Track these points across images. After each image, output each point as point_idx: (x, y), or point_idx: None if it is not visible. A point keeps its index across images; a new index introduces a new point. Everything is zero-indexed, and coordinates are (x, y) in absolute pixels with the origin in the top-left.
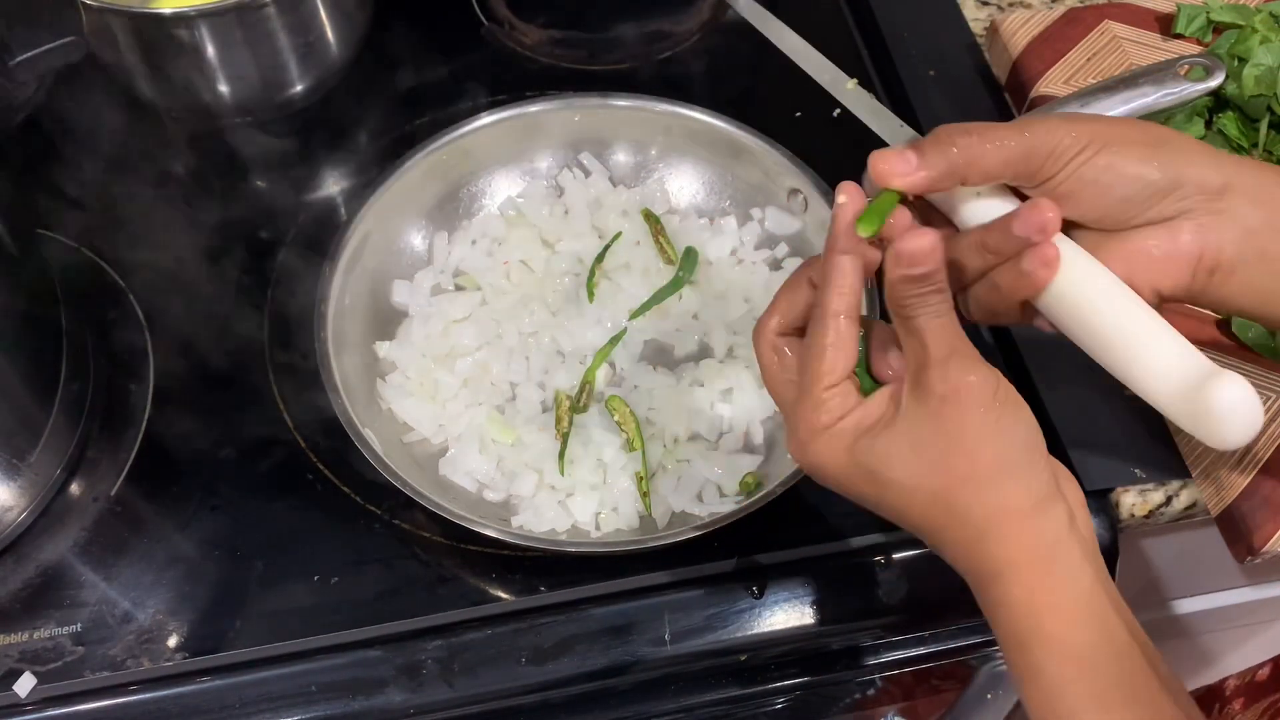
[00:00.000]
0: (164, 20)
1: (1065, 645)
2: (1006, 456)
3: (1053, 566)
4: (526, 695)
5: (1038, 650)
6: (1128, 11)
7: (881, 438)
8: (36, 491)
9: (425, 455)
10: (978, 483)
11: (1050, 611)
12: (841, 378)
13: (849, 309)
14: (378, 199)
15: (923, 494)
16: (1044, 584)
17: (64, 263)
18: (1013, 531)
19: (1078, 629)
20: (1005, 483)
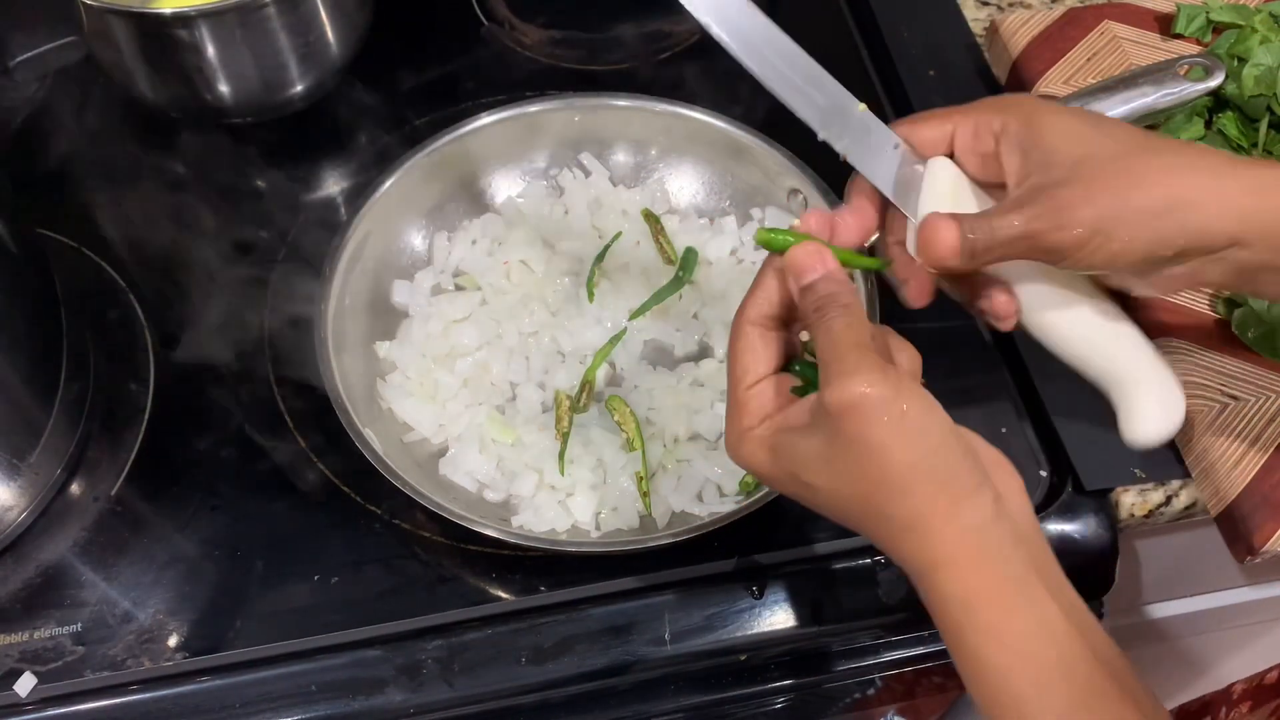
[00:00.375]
0: (164, 20)
1: (1001, 634)
2: (916, 461)
3: (982, 558)
4: (526, 695)
5: (975, 641)
6: (1128, 11)
7: (799, 445)
8: (36, 491)
9: (425, 455)
10: (891, 488)
11: (983, 602)
12: (756, 378)
13: (756, 315)
14: (378, 199)
15: (843, 498)
16: (974, 576)
17: (64, 263)
18: (936, 529)
19: (1012, 617)
20: (920, 485)
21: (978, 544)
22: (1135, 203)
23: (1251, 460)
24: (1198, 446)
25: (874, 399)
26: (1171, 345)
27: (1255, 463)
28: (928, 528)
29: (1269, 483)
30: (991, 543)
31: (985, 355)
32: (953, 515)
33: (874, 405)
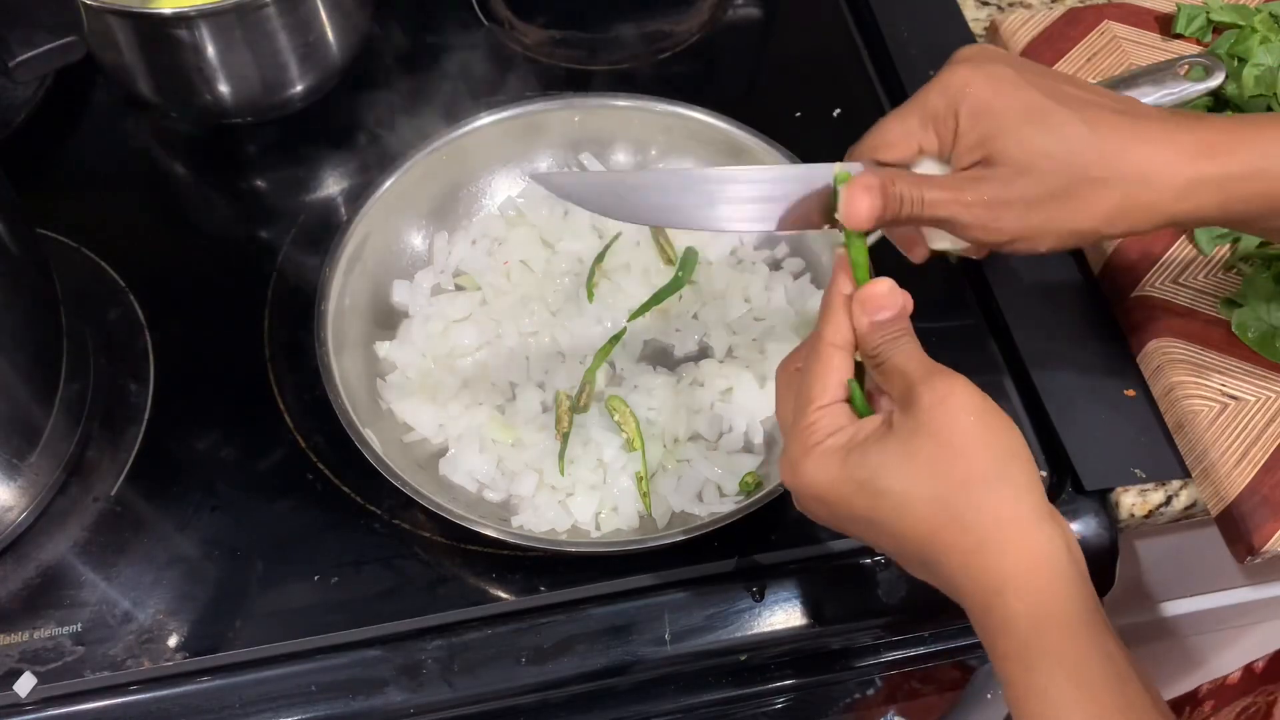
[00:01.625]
0: (164, 20)
1: (1068, 664)
2: (1001, 462)
3: (1055, 582)
4: (526, 695)
5: (1041, 667)
6: (1128, 11)
7: (874, 449)
8: (36, 491)
9: (425, 455)
10: (974, 485)
11: (1055, 627)
12: (833, 399)
13: (842, 341)
14: (378, 199)
15: (920, 501)
16: (1048, 598)
17: (64, 263)
18: (1013, 541)
19: (1081, 647)
20: (1002, 488)
21: (1051, 567)
22: (1067, 227)
23: (1251, 460)
24: (1198, 446)
25: (965, 395)
26: (1172, 345)
27: (1255, 463)
28: (1004, 538)
29: (1269, 483)
30: (1062, 570)
31: (985, 355)
32: (1030, 530)
33: (965, 401)
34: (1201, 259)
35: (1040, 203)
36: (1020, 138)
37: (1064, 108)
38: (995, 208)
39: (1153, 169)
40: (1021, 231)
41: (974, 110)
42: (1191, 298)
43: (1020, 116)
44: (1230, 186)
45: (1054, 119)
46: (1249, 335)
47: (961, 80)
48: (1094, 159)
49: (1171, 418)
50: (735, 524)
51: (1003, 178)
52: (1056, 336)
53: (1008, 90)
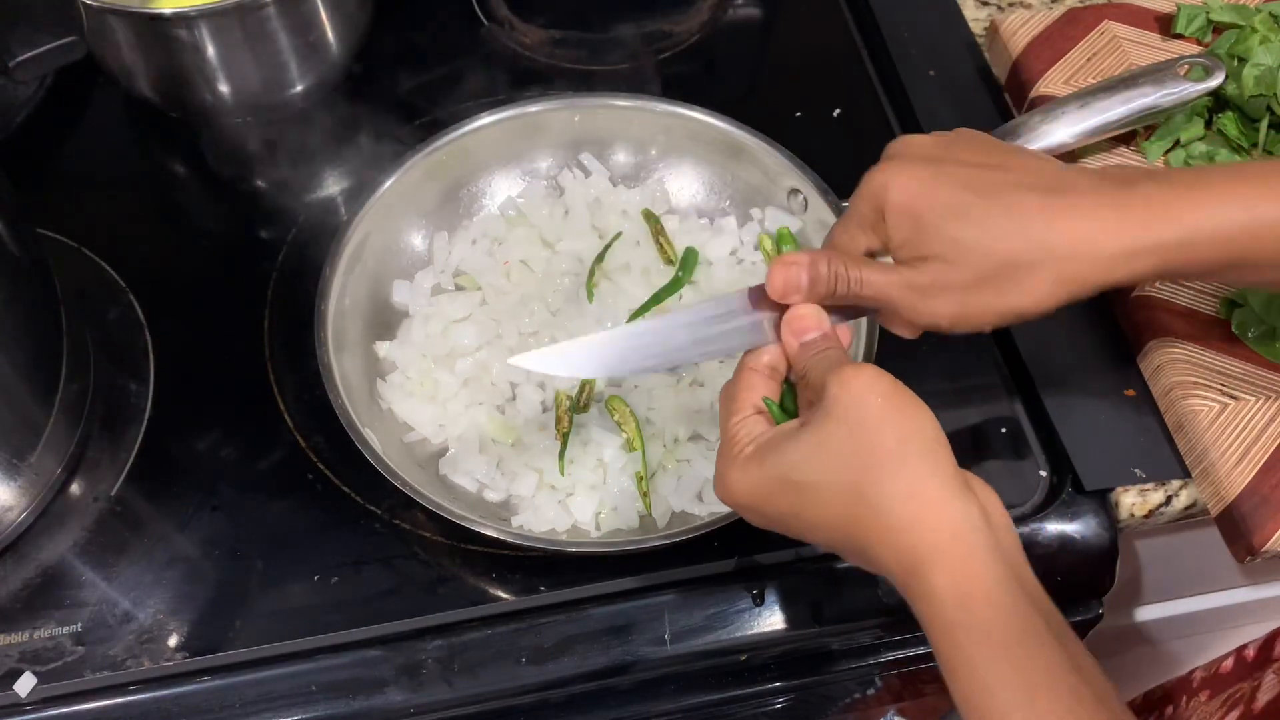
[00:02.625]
0: (164, 20)
1: (994, 635)
2: (909, 440)
3: (973, 555)
4: (526, 695)
5: (967, 641)
6: (1128, 11)
7: (787, 445)
8: (36, 491)
9: (425, 455)
10: (883, 466)
11: (979, 599)
12: (747, 412)
13: (761, 364)
14: (378, 199)
15: (836, 490)
16: (966, 571)
17: (64, 263)
18: (929, 519)
19: (1005, 617)
20: (913, 464)
21: (969, 541)
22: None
23: (1251, 460)
24: (1198, 446)
25: (870, 376)
26: (1172, 345)
27: (1255, 463)
28: (921, 517)
29: (1269, 483)
30: (980, 545)
31: (985, 355)
32: (945, 506)
33: (870, 384)
34: None
35: (974, 288)
36: (944, 236)
37: (984, 200)
38: (930, 293)
39: (1082, 246)
40: (958, 316)
41: (896, 213)
42: (1191, 298)
43: (941, 215)
44: (1164, 254)
45: (974, 213)
46: (1249, 335)
47: (881, 185)
48: (1020, 246)
49: (1171, 418)
50: (735, 524)
51: (934, 269)
52: (1056, 336)
53: (927, 190)
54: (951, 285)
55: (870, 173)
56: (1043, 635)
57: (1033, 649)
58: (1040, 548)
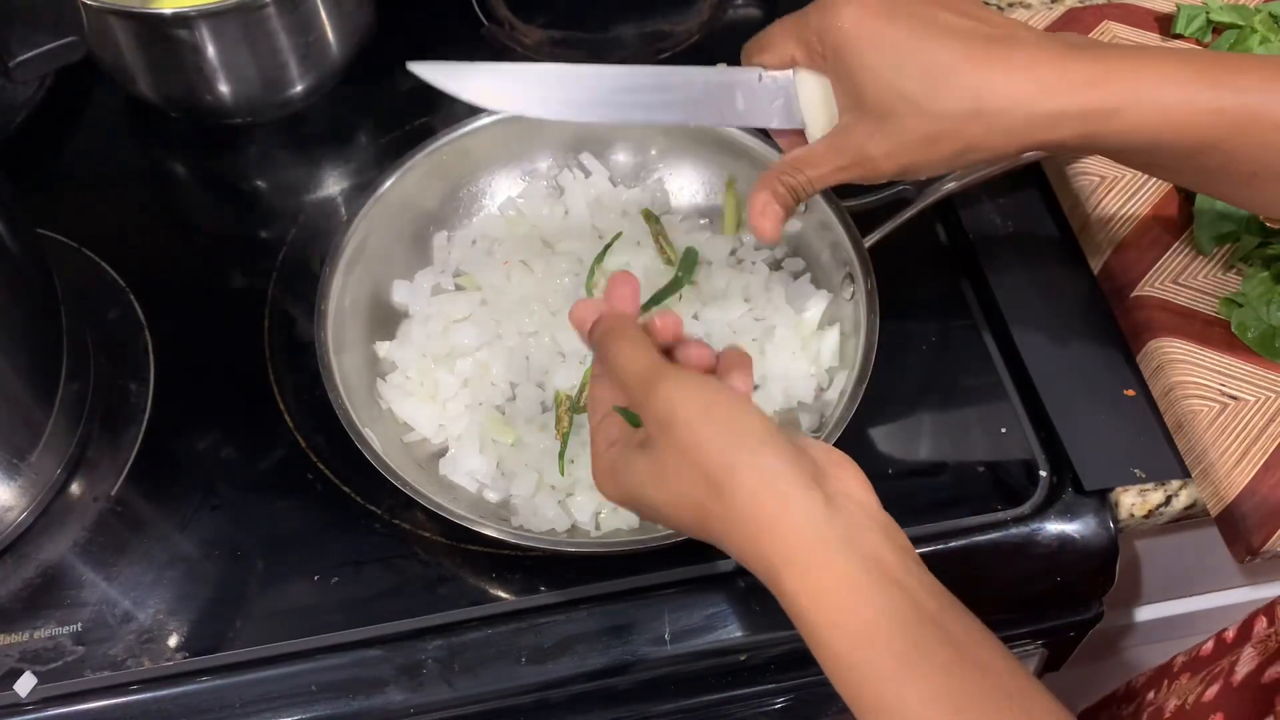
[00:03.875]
0: (164, 20)
1: (849, 626)
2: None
3: (819, 555)
4: (526, 695)
5: (826, 636)
6: (1127, 11)
7: (631, 469)
8: (36, 491)
9: (425, 455)
10: (718, 489)
11: (827, 597)
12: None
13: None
14: (378, 199)
15: (685, 508)
16: (814, 574)
17: (64, 263)
18: (770, 530)
19: (857, 608)
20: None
21: (814, 542)
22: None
23: (1251, 460)
24: (1198, 446)
25: (682, 399)
26: (1172, 345)
27: (1255, 463)
28: (761, 530)
29: (1269, 483)
30: (829, 540)
31: (985, 355)
32: (783, 514)
33: (682, 406)
34: (1201, 259)
35: (906, 149)
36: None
37: (926, 43)
38: (866, 164)
39: (1012, 102)
40: (898, 172)
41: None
42: (1191, 298)
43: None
44: (1090, 121)
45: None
46: (1249, 335)
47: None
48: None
49: (1171, 418)
50: None
51: (866, 132)
52: (1056, 336)
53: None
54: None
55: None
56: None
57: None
58: (1040, 548)
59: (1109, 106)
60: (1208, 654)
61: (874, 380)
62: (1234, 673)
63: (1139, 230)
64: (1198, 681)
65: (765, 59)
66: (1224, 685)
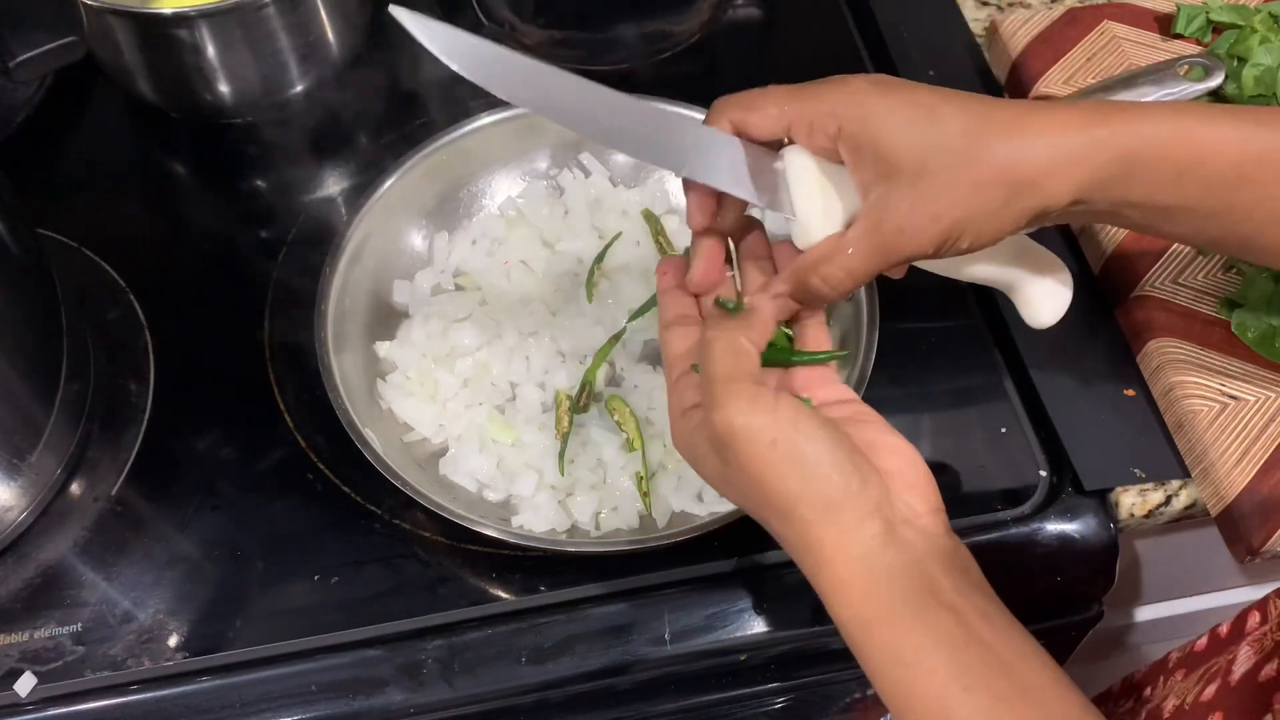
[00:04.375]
0: (164, 20)
1: (900, 652)
2: (795, 488)
3: (872, 584)
4: (526, 695)
5: (876, 659)
6: (1127, 11)
7: (706, 456)
8: (36, 491)
9: (425, 455)
10: (777, 513)
11: (879, 624)
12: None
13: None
14: (378, 199)
15: (746, 507)
16: (867, 601)
17: (64, 263)
18: (826, 557)
19: (909, 634)
20: (802, 512)
21: (867, 571)
22: (977, 207)
23: (1251, 460)
24: (1198, 446)
25: (747, 429)
26: (1172, 345)
27: (1255, 463)
28: (819, 556)
29: (1269, 483)
30: (880, 570)
31: (985, 355)
32: (840, 545)
33: (747, 435)
34: (1201, 259)
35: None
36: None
37: (960, 101)
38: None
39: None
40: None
41: (865, 113)
42: (1191, 298)
43: (916, 114)
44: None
45: (940, 111)
46: (1249, 335)
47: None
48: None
49: (1171, 418)
50: (735, 524)
51: (904, 198)
52: (1056, 336)
53: (903, 93)
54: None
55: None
56: (955, 639)
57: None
58: (1040, 548)
59: (1142, 132)
60: (1202, 649)
61: (874, 380)
62: (1231, 671)
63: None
64: (1195, 680)
65: (751, 124)
66: (1222, 684)
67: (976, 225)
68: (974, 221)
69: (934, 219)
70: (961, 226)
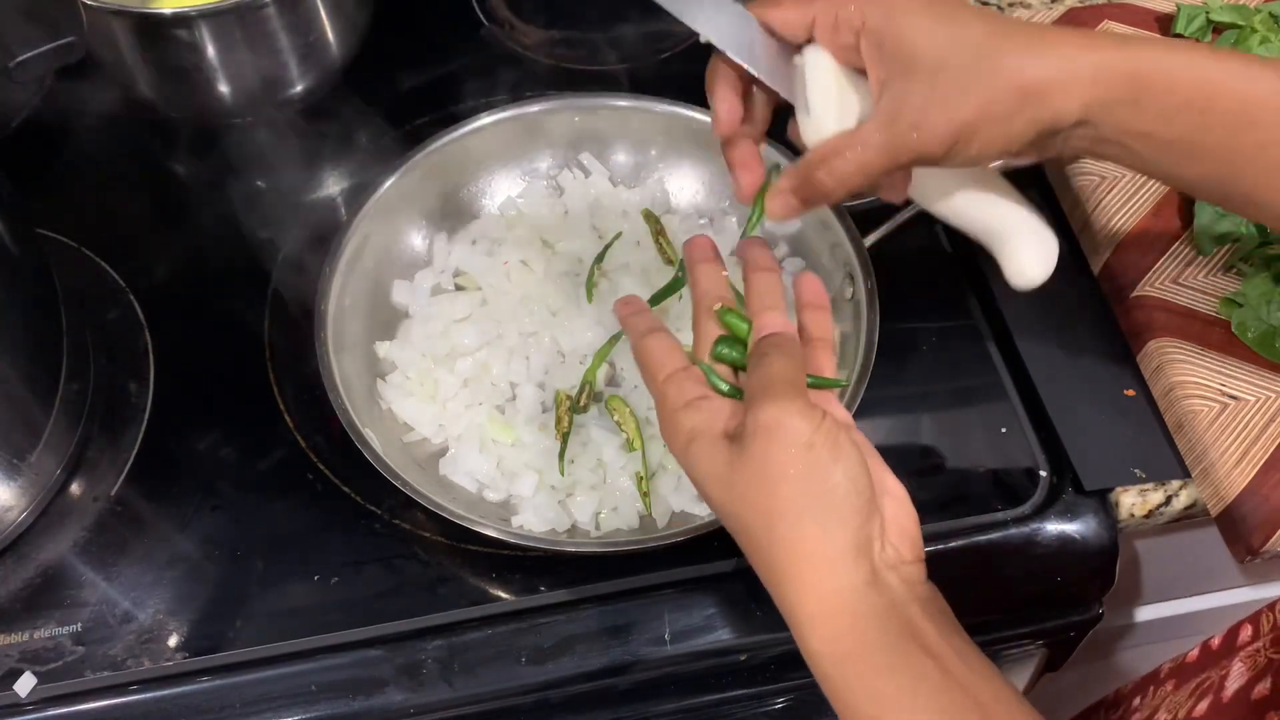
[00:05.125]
0: (164, 20)
1: (875, 692)
2: (807, 499)
3: (853, 621)
4: (526, 695)
5: (848, 697)
6: (1128, 11)
7: (706, 452)
8: (36, 491)
9: (425, 455)
10: (778, 520)
11: (854, 660)
12: (667, 372)
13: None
14: (378, 199)
15: (733, 520)
16: (846, 637)
17: (64, 263)
18: (812, 582)
19: (885, 677)
20: (804, 524)
21: (852, 607)
22: (990, 110)
23: (1251, 460)
24: (1198, 446)
25: (790, 427)
26: (1172, 345)
27: (1255, 463)
28: (803, 580)
29: (1269, 483)
30: (864, 608)
31: (985, 355)
32: (832, 569)
33: (788, 432)
34: (1201, 259)
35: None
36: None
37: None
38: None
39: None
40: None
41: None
42: (1191, 298)
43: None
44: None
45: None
46: (1249, 335)
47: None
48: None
49: (1171, 418)
50: None
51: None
52: (1056, 336)
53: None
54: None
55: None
56: (933, 683)
57: (918, 701)
58: (1040, 548)
59: (1154, 57)
60: (1194, 661)
61: (874, 380)
62: (1224, 688)
63: (1139, 230)
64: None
65: (775, 17)
66: (1214, 700)
67: (988, 130)
68: (985, 125)
69: (948, 118)
70: (973, 128)
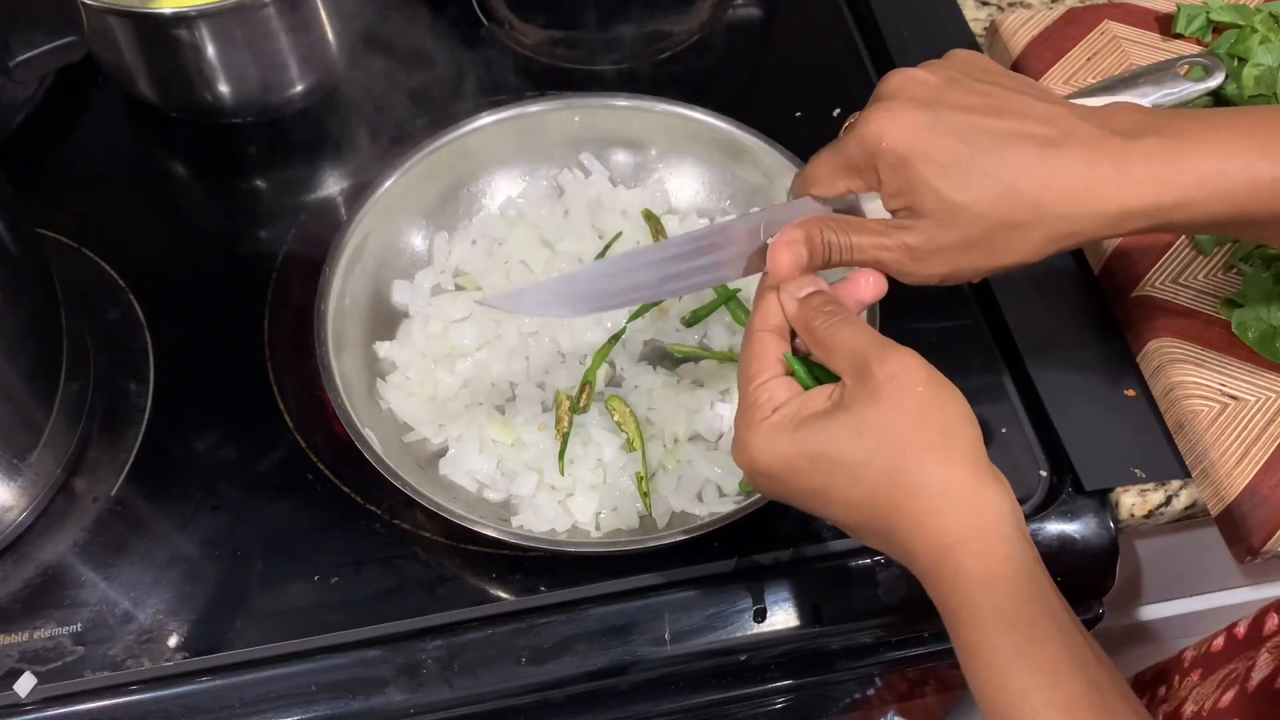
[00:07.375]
0: (164, 20)
1: (1020, 622)
2: (950, 430)
3: (1002, 543)
4: (526, 695)
5: (990, 624)
6: (1128, 11)
7: (823, 423)
8: (36, 491)
9: (425, 455)
10: (925, 453)
11: (1004, 586)
12: (771, 375)
13: (771, 325)
14: (378, 199)
15: (874, 471)
16: (996, 558)
17: (64, 263)
18: (963, 503)
19: (1028, 607)
20: (953, 453)
21: (999, 530)
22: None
23: (1251, 460)
24: (1198, 446)
25: (916, 369)
26: (1172, 345)
27: (1255, 463)
28: (954, 503)
29: (1269, 483)
30: (1009, 533)
31: (985, 355)
32: (978, 491)
33: (916, 374)
34: (1202, 259)
35: (966, 249)
36: (938, 193)
37: (979, 155)
38: (921, 255)
39: (1077, 205)
40: (949, 275)
41: (891, 164)
42: (1191, 298)
43: (935, 172)
44: (1160, 215)
45: (969, 172)
46: (1249, 335)
47: (876, 133)
48: (1014, 206)
49: (1171, 418)
50: (735, 524)
51: (925, 229)
52: (1056, 336)
53: (923, 141)
54: (943, 247)
55: (864, 116)
56: (1064, 623)
57: (1054, 635)
58: (1040, 548)
59: (1173, 201)
60: (1219, 650)
61: None
62: (1250, 678)
63: None
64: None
65: (822, 193)
66: (1240, 690)
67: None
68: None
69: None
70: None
